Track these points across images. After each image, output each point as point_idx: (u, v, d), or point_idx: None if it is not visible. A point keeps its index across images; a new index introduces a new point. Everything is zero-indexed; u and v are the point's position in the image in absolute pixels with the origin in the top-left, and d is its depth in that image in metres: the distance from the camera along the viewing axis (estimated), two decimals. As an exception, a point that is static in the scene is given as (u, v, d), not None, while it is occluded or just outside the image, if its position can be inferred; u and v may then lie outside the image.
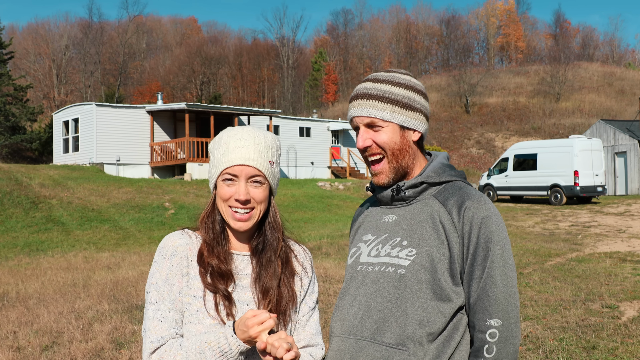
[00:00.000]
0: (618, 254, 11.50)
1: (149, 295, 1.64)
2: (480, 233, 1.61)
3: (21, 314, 7.25)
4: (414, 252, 1.64)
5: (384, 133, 1.70)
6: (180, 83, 68.40)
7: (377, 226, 1.77)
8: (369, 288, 1.68)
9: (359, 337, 1.64)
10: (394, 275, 1.64)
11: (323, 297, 7.84)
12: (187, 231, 1.72)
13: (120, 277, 9.65)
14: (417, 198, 1.72)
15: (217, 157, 1.69)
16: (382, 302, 1.64)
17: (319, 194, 24.03)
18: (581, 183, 23.57)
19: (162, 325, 1.60)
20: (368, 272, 1.70)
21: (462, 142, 47.32)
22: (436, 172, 1.73)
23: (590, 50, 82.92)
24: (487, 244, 1.60)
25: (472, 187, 1.73)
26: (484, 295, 1.59)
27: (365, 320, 1.65)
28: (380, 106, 1.69)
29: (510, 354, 1.58)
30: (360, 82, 1.79)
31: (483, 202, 1.65)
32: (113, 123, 26.84)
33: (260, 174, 1.67)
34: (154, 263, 1.66)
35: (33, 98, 55.20)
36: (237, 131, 1.71)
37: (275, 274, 1.70)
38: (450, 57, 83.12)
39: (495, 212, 1.65)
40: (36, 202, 18.60)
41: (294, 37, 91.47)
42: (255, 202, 1.67)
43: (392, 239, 1.70)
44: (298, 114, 62.52)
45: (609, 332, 5.94)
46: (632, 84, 57.99)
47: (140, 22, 79.34)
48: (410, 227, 1.68)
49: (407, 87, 1.72)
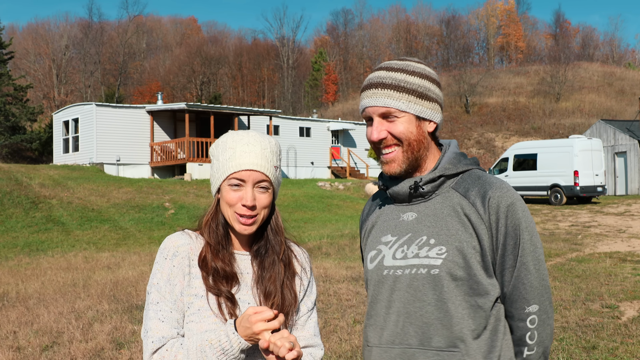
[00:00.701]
0: (618, 254, 11.50)
1: (150, 296, 1.64)
2: (508, 221, 1.58)
3: (21, 314, 7.25)
4: (444, 250, 1.58)
5: (400, 124, 1.62)
6: (180, 83, 68.40)
7: (396, 225, 1.69)
8: (404, 293, 1.62)
9: (406, 345, 1.60)
10: (428, 276, 1.59)
11: (323, 297, 7.84)
12: (187, 232, 1.72)
13: (120, 277, 9.65)
14: (435, 192, 1.66)
15: (223, 161, 1.67)
16: (423, 307, 1.59)
17: (319, 194, 24.03)
18: (581, 183, 23.57)
19: (164, 325, 1.60)
20: (398, 276, 1.64)
21: (462, 142, 47.33)
22: (452, 163, 1.67)
23: (590, 50, 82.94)
24: (515, 232, 1.58)
25: (490, 174, 1.68)
26: (519, 283, 1.59)
27: (408, 328, 1.60)
28: (396, 95, 1.61)
29: (548, 334, 1.62)
30: (372, 70, 1.71)
31: (506, 189, 1.61)
32: (113, 123, 26.85)
33: (267, 179, 1.66)
34: (155, 264, 1.67)
35: (33, 98, 55.20)
36: (242, 135, 1.70)
37: (279, 277, 1.70)
38: (450, 57, 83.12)
39: (519, 198, 1.62)
40: (36, 202, 18.60)
41: (294, 37, 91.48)
42: (261, 207, 1.66)
43: (418, 239, 1.63)
44: (298, 114, 62.52)
45: (609, 332, 5.94)
46: (632, 84, 58.00)
47: (140, 22, 79.35)
48: (435, 223, 1.62)
49: (422, 76, 1.65)
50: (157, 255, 1.68)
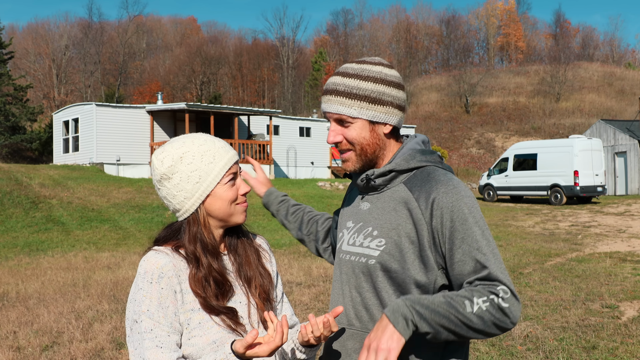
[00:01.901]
0: (618, 254, 11.50)
1: (142, 325, 1.54)
2: (454, 217, 1.57)
3: (21, 314, 7.25)
4: (384, 242, 1.65)
5: (353, 129, 1.68)
6: (180, 83, 68.40)
7: (355, 213, 1.79)
8: (349, 277, 1.74)
9: (349, 326, 1.71)
10: (365, 265, 1.68)
11: (323, 297, 7.85)
12: (160, 249, 1.65)
13: (120, 277, 9.65)
14: (387, 186, 1.71)
15: (208, 166, 1.63)
16: (362, 292, 1.69)
17: (319, 194, 24.03)
18: (581, 183, 23.57)
19: (163, 351, 1.53)
20: (346, 261, 1.76)
21: (462, 142, 47.33)
22: (405, 159, 1.70)
23: (590, 50, 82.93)
24: (463, 227, 1.57)
25: (442, 171, 1.68)
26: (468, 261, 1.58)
27: (350, 310, 1.71)
28: (348, 102, 1.66)
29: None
30: (331, 74, 1.75)
31: (451, 186, 1.61)
32: (113, 123, 26.85)
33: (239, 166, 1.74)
34: (139, 290, 1.57)
35: (33, 98, 55.23)
36: (201, 137, 1.68)
37: (253, 260, 1.75)
38: (450, 57, 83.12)
39: (466, 194, 1.61)
40: (36, 202, 18.60)
41: (294, 37, 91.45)
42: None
43: (365, 229, 1.72)
44: (298, 114, 62.52)
45: (609, 332, 5.94)
46: (632, 84, 58.01)
47: (140, 22, 79.36)
48: (381, 216, 1.69)
49: (376, 81, 1.67)
50: (137, 280, 1.59)
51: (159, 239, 1.70)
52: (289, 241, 13.84)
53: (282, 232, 15.72)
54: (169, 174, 1.63)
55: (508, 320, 1.52)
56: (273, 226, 17.04)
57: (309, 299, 7.71)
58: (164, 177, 1.64)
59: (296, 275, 9.44)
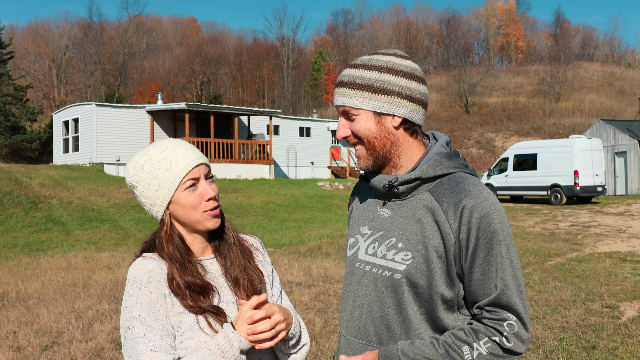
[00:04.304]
0: (618, 254, 11.50)
1: (134, 330, 1.55)
2: (480, 233, 1.50)
3: (21, 314, 7.25)
4: (410, 256, 1.56)
5: (358, 122, 1.59)
6: (180, 83, 68.41)
7: (373, 219, 1.67)
8: (369, 291, 1.63)
9: (365, 341, 1.62)
10: (390, 280, 1.58)
11: (323, 297, 7.84)
12: (147, 255, 1.67)
13: (120, 277, 9.65)
14: (411, 193, 1.60)
15: (165, 173, 1.62)
16: (384, 308, 1.60)
17: (319, 194, 24.03)
18: (581, 183, 23.56)
19: (158, 354, 1.54)
20: (366, 272, 1.64)
21: (462, 142, 47.33)
22: (431, 165, 1.59)
23: (590, 50, 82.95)
24: (487, 244, 1.50)
25: (471, 179, 1.59)
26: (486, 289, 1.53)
27: (369, 326, 1.62)
28: (350, 93, 1.58)
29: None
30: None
31: (482, 198, 1.52)
32: (113, 123, 26.86)
33: (210, 168, 1.69)
34: (130, 297, 1.58)
35: (33, 98, 55.24)
36: (164, 144, 1.67)
37: (238, 260, 1.73)
38: (450, 57, 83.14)
39: (496, 208, 1.52)
40: (36, 202, 18.60)
41: (294, 37, 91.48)
42: (218, 196, 1.68)
43: (388, 239, 1.61)
44: (298, 114, 62.52)
45: (609, 332, 5.94)
46: (632, 84, 58.02)
47: (140, 22, 79.36)
48: (405, 226, 1.58)
49: (382, 70, 1.57)
50: (127, 287, 1.61)
51: (144, 246, 1.72)
52: (289, 241, 13.83)
53: (282, 232, 15.72)
54: (134, 182, 1.66)
55: (511, 358, 1.51)
56: (273, 226, 17.04)
57: (309, 299, 7.70)
58: (132, 186, 1.68)
59: (296, 275, 9.43)
